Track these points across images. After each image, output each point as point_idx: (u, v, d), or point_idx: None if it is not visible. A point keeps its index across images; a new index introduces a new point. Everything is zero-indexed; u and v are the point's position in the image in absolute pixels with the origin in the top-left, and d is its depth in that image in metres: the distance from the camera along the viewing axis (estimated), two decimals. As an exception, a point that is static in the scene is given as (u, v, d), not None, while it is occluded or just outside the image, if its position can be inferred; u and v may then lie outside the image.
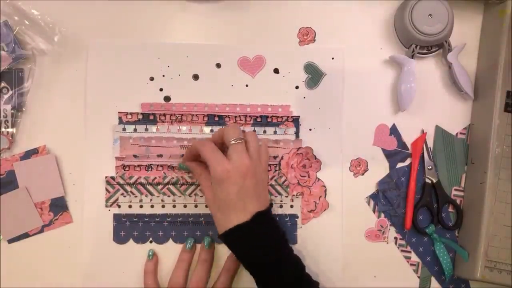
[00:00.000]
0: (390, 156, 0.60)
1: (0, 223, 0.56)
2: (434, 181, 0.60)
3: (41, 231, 0.57)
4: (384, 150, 0.60)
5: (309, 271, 0.53)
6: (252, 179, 0.50)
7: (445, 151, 0.60)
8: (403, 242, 0.60)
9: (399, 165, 0.60)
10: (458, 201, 0.61)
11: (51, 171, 0.56)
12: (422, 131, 0.60)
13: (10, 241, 0.57)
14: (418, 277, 0.60)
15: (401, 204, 0.60)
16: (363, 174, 0.60)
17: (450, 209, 0.61)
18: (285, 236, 0.53)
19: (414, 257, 0.60)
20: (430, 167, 0.60)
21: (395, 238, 0.60)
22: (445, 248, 0.59)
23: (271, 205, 0.53)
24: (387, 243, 0.60)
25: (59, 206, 0.57)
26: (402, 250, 0.60)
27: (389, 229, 0.60)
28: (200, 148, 0.52)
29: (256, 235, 0.50)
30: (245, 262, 0.51)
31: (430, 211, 0.60)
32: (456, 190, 0.61)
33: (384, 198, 0.60)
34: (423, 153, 0.60)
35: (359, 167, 0.60)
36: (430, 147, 0.60)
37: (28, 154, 0.56)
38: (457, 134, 0.61)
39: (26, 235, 0.57)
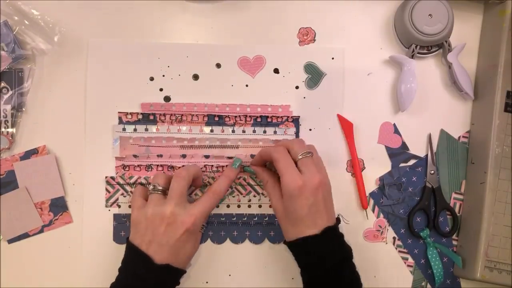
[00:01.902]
0: (393, 156, 0.60)
1: (0, 223, 0.56)
2: (435, 186, 0.60)
3: (41, 231, 0.57)
4: (388, 149, 0.60)
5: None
6: (323, 194, 0.50)
7: (448, 156, 0.60)
8: (400, 243, 0.60)
9: (401, 165, 0.60)
10: (457, 205, 0.61)
11: (51, 171, 0.56)
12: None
13: (10, 241, 0.57)
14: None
15: (401, 204, 0.60)
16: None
17: (448, 215, 0.61)
18: (351, 253, 0.52)
19: (412, 259, 0.60)
20: (433, 171, 0.60)
21: (394, 238, 0.60)
22: (437, 254, 0.59)
23: (338, 220, 0.53)
24: (386, 243, 0.60)
25: (59, 206, 0.57)
26: (400, 251, 0.60)
27: (387, 230, 0.60)
28: (275, 156, 0.51)
29: (324, 249, 0.50)
30: (306, 272, 0.51)
31: (427, 215, 0.60)
32: (456, 193, 0.61)
33: (384, 194, 0.59)
34: (427, 156, 0.60)
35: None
36: (434, 151, 0.60)
37: (28, 154, 0.57)
38: (459, 138, 0.61)
39: (26, 235, 0.57)
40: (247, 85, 0.59)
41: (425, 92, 0.60)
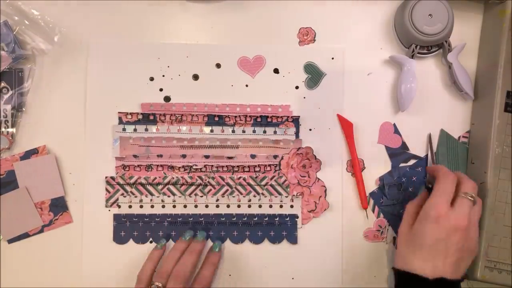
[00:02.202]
0: (394, 156, 0.60)
1: (0, 223, 0.56)
2: None
3: (41, 231, 0.57)
4: (388, 149, 0.60)
5: (309, 272, 0.54)
6: (460, 241, 0.47)
7: (448, 156, 0.60)
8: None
9: (402, 165, 0.60)
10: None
11: (51, 171, 0.56)
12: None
13: (10, 241, 0.57)
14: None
15: (401, 204, 0.60)
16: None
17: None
18: None
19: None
20: None
21: (394, 238, 0.60)
22: None
23: (462, 278, 0.48)
24: (386, 243, 0.60)
25: (59, 206, 0.57)
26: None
27: (387, 230, 0.60)
28: (441, 177, 0.49)
29: None
30: None
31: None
32: (456, 193, 0.61)
33: (384, 194, 0.59)
34: (427, 156, 0.60)
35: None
36: (434, 152, 0.60)
37: (28, 154, 0.56)
38: (459, 138, 0.61)
39: (26, 235, 0.57)
40: (247, 85, 0.59)
41: (425, 92, 0.60)
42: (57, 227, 0.57)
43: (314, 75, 0.60)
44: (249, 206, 0.59)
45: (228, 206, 0.59)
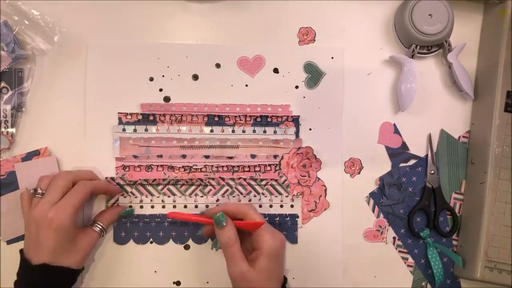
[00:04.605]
0: (393, 156, 0.60)
1: (0, 224, 0.56)
2: (435, 186, 0.60)
3: (41, 231, 0.57)
4: (388, 149, 0.60)
5: (309, 271, 0.54)
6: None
7: (448, 156, 0.60)
8: (400, 243, 0.60)
9: (402, 165, 0.60)
10: (457, 205, 0.61)
11: (52, 173, 0.56)
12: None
13: (9, 242, 0.56)
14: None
15: (401, 204, 0.60)
16: (359, 173, 0.60)
17: (448, 215, 0.61)
18: None
19: (412, 259, 0.60)
20: (433, 171, 0.60)
21: (394, 238, 0.60)
22: (437, 254, 0.59)
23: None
24: (386, 243, 0.60)
25: (59, 207, 0.57)
26: (400, 251, 0.60)
27: (387, 230, 0.60)
28: (251, 211, 0.52)
29: None
30: None
31: (427, 215, 0.60)
32: (456, 193, 0.61)
33: (384, 194, 0.59)
34: (427, 156, 0.60)
35: (353, 167, 0.60)
36: (434, 152, 0.60)
37: (30, 156, 0.56)
38: (459, 138, 0.61)
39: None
40: (246, 85, 0.59)
41: (425, 92, 0.60)
42: (57, 228, 0.57)
43: (314, 74, 0.60)
44: (249, 206, 0.59)
45: (228, 206, 0.59)
